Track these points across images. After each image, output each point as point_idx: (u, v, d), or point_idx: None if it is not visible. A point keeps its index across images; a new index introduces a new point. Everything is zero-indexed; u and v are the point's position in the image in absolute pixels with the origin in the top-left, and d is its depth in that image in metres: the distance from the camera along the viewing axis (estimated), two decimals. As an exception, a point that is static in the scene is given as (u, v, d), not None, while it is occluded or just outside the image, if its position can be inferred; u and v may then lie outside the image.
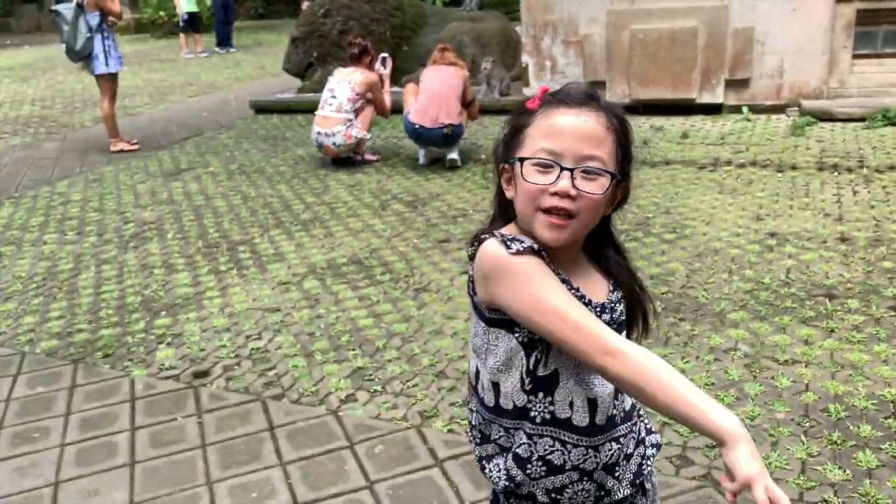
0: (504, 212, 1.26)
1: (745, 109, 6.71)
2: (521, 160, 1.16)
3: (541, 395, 1.20)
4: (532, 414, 1.21)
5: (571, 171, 1.12)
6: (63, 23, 6.53)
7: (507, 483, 1.25)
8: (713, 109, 6.85)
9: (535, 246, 1.16)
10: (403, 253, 4.20)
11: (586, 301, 1.20)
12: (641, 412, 1.33)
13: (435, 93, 5.62)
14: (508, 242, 1.15)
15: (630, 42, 6.77)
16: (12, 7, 24.66)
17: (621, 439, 1.25)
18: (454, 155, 5.84)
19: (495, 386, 1.23)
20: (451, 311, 3.47)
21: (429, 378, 2.92)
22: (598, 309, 1.21)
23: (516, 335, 1.19)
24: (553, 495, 1.24)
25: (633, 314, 1.31)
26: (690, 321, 3.22)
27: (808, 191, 4.78)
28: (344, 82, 5.94)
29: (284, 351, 3.20)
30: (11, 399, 2.97)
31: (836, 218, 4.28)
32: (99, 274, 4.17)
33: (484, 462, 1.29)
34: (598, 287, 1.25)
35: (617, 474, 1.25)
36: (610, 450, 1.24)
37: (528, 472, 1.23)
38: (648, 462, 1.31)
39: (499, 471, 1.26)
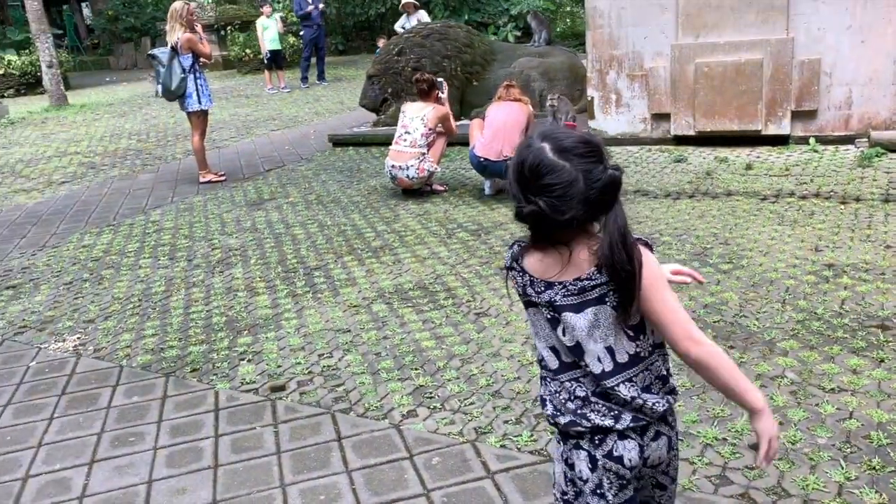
0: None
1: (811, 141, 6.69)
2: None
3: None
4: None
5: None
6: (159, 65, 7.09)
7: None
8: (780, 141, 6.84)
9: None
10: (466, 279, 4.43)
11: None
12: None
13: (500, 127, 5.85)
14: None
15: (695, 75, 6.87)
16: (112, 46, 26.47)
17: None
18: (518, 186, 6.04)
19: None
20: (508, 334, 3.66)
21: (485, 397, 3.11)
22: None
23: None
24: None
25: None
26: (740, 349, 3.32)
27: (870, 223, 4.77)
28: (417, 119, 6.26)
29: (353, 369, 3.46)
30: (111, 407, 3.30)
31: (897, 250, 4.29)
32: (188, 296, 4.55)
33: None
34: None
35: None
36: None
37: None
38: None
39: None
